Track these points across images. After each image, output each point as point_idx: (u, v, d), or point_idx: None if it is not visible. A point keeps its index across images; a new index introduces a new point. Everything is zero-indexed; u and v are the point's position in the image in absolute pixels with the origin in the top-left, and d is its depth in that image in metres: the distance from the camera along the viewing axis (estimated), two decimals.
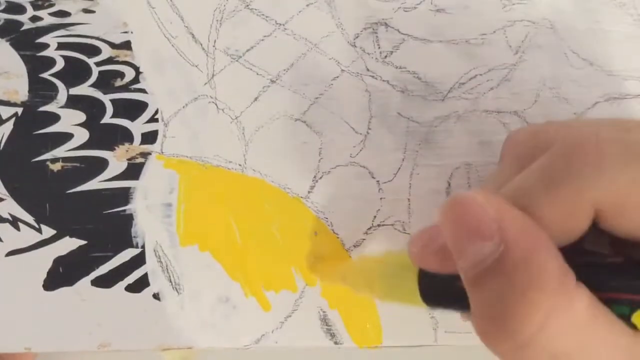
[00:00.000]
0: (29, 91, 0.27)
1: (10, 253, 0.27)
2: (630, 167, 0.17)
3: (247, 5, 0.27)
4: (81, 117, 0.27)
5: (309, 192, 0.27)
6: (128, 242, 0.27)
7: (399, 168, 0.27)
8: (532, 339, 0.16)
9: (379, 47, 0.28)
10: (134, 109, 0.27)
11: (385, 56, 0.28)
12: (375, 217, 0.27)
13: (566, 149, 0.18)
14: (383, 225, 0.27)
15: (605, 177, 0.17)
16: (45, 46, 0.27)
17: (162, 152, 0.27)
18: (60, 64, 0.27)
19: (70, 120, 0.27)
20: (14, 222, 0.27)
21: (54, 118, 0.27)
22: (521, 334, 0.16)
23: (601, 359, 0.16)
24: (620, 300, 0.16)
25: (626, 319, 0.15)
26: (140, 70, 0.27)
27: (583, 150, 0.18)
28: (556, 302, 0.16)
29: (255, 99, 0.27)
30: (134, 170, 0.27)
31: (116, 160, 0.27)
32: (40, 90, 0.27)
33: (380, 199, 0.27)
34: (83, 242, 0.27)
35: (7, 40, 0.27)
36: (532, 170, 0.19)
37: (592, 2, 0.28)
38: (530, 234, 0.17)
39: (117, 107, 0.27)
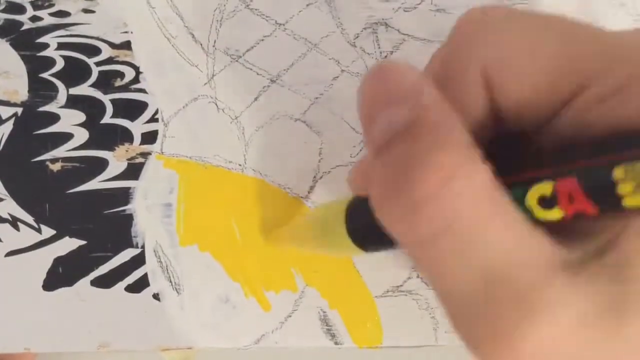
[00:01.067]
0: (29, 91, 0.27)
1: (10, 253, 0.27)
2: (512, 23, 0.17)
3: (247, 5, 0.27)
4: (81, 117, 0.27)
5: (309, 192, 0.27)
6: (128, 242, 0.27)
7: None
8: (426, 200, 0.15)
9: (379, 47, 0.28)
10: (134, 109, 0.27)
11: (386, 56, 0.28)
12: None
13: (459, 22, 0.18)
14: None
15: (489, 35, 0.17)
16: (45, 46, 0.27)
17: (162, 152, 0.27)
18: (60, 64, 0.27)
19: (70, 120, 0.27)
20: (14, 222, 0.27)
21: (54, 118, 0.27)
22: (416, 193, 0.15)
23: (495, 232, 0.15)
24: (517, 183, 0.15)
25: (520, 201, 0.15)
26: (140, 70, 0.27)
27: (471, 19, 0.18)
28: (459, 167, 0.15)
29: (255, 99, 0.27)
30: (133, 170, 0.27)
31: (116, 160, 0.27)
32: (40, 90, 0.27)
33: None
34: (83, 242, 0.27)
35: (7, 40, 0.27)
36: (438, 51, 0.19)
37: (592, 2, 0.28)
38: (445, 102, 0.16)
39: (117, 107, 0.27)
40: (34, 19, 0.27)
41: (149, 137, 0.27)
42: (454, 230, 0.15)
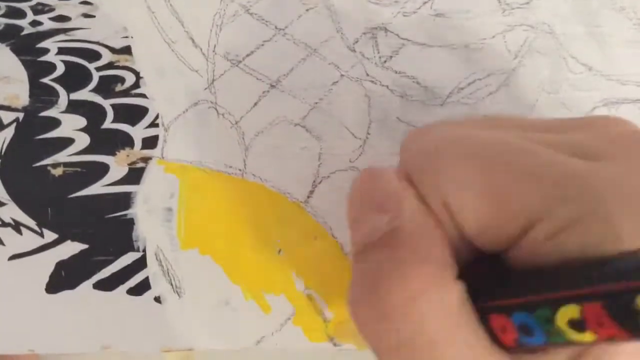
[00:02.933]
0: (30, 96, 0.27)
1: (13, 257, 0.27)
2: (467, 160, 0.17)
3: (247, 10, 0.27)
4: (82, 122, 0.27)
5: (308, 196, 0.28)
6: (129, 246, 0.28)
7: None
8: (396, 311, 0.16)
9: (379, 52, 0.28)
10: (134, 114, 0.27)
11: (385, 61, 0.28)
12: None
13: (419, 148, 0.18)
14: None
15: (444, 173, 0.17)
16: (46, 51, 0.27)
17: (163, 157, 0.28)
18: (60, 69, 0.27)
19: (71, 125, 0.27)
20: (16, 226, 0.27)
21: (55, 123, 0.27)
22: (387, 303, 0.16)
23: (455, 352, 0.16)
24: (539, 302, 0.16)
25: (550, 322, 0.15)
26: (141, 75, 0.27)
27: (432, 148, 0.18)
28: (430, 284, 0.16)
29: (255, 103, 0.27)
30: (134, 175, 0.27)
31: (117, 165, 0.27)
32: (41, 95, 0.27)
33: None
34: (85, 246, 0.27)
35: (7, 45, 0.27)
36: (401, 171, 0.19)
37: (591, 6, 0.28)
38: (424, 216, 0.17)
39: (118, 112, 0.27)
40: (34, 23, 0.27)
41: (150, 142, 0.27)
42: (415, 344, 0.16)
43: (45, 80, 0.27)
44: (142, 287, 0.28)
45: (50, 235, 0.27)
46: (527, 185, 0.16)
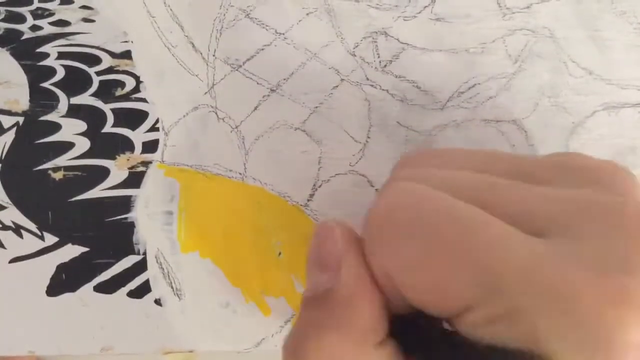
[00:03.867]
0: (30, 101, 0.27)
1: (14, 260, 0.28)
2: (408, 239, 0.17)
3: (247, 15, 0.27)
4: (82, 126, 0.27)
5: (308, 200, 0.28)
6: (130, 249, 0.28)
7: None
8: None
9: (379, 56, 0.28)
10: (134, 118, 0.27)
11: (385, 65, 0.28)
12: None
13: (372, 218, 0.19)
14: None
15: (385, 248, 0.18)
16: (46, 55, 0.27)
17: (163, 161, 0.28)
18: (60, 74, 0.27)
19: (72, 130, 0.27)
20: (17, 229, 0.27)
21: (55, 127, 0.27)
22: None
23: None
24: None
25: None
26: (141, 79, 0.27)
27: (380, 221, 0.18)
28: (345, 352, 0.17)
29: (255, 108, 0.27)
30: (135, 179, 0.28)
31: (117, 169, 0.27)
32: (41, 99, 0.27)
33: None
34: (85, 249, 0.28)
35: (7, 50, 0.27)
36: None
37: (592, 10, 0.28)
38: (361, 281, 0.18)
39: (118, 117, 0.27)
40: (34, 28, 0.27)
41: (150, 146, 0.28)
42: None
43: (46, 84, 0.27)
44: (143, 290, 0.28)
45: (50, 239, 0.27)
46: (462, 275, 0.16)
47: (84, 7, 0.27)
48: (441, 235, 0.17)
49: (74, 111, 0.27)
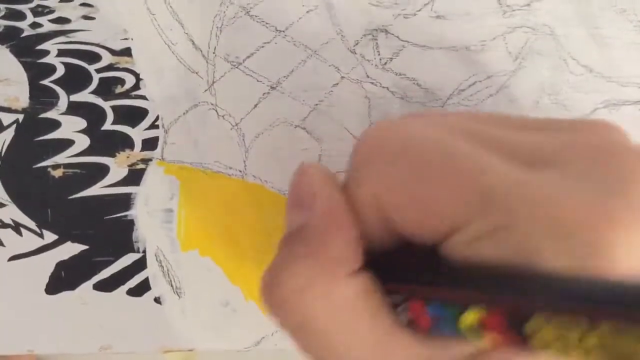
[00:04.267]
0: (30, 98, 0.27)
1: (13, 258, 0.27)
2: (396, 161, 0.18)
3: (248, 12, 0.27)
4: (82, 123, 0.27)
5: None
6: (129, 247, 0.28)
7: None
8: (285, 302, 0.18)
9: (379, 54, 0.28)
10: (134, 116, 0.27)
11: (385, 63, 0.28)
12: None
13: (360, 145, 0.19)
14: None
15: (375, 171, 0.18)
16: (46, 53, 0.27)
17: (163, 159, 0.28)
18: (60, 71, 0.27)
19: (71, 127, 0.27)
20: (16, 227, 0.27)
21: (55, 125, 0.27)
22: (281, 292, 0.18)
23: (351, 337, 0.17)
24: (451, 298, 0.16)
25: (457, 319, 0.16)
26: (141, 77, 0.27)
27: (369, 147, 0.19)
28: (317, 279, 0.17)
29: (255, 105, 0.27)
30: (134, 177, 0.27)
31: (117, 166, 0.27)
32: (41, 97, 0.27)
33: None
34: (85, 247, 0.28)
35: (7, 47, 0.27)
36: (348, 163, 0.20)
37: (592, 8, 0.28)
38: (333, 215, 0.18)
39: (118, 114, 0.27)
40: (34, 25, 0.27)
41: (150, 144, 0.27)
42: (306, 332, 0.18)
43: (45, 82, 0.27)
44: (142, 288, 0.28)
45: (50, 236, 0.27)
46: (451, 193, 0.16)
47: (84, 4, 0.27)
48: (432, 157, 0.17)
49: (74, 108, 0.27)
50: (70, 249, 0.27)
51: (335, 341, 0.17)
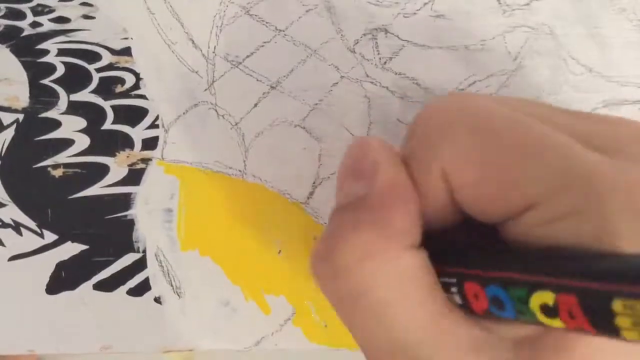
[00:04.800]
0: (30, 97, 0.27)
1: (13, 258, 0.27)
2: (472, 133, 0.17)
3: (247, 12, 0.27)
4: (82, 123, 0.27)
5: (308, 197, 0.28)
6: (129, 247, 0.28)
7: None
8: (345, 269, 0.17)
9: (379, 53, 0.28)
10: (134, 115, 0.27)
11: (385, 62, 0.28)
12: None
13: (430, 115, 0.19)
14: None
15: (448, 142, 0.17)
16: (46, 52, 0.27)
17: (163, 158, 0.28)
18: (60, 70, 0.27)
19: (71, 127, 0.27)
20: (16, 227, 0.27)
21: (55, 124, 0.27)
22: (338, 260, 0.17)
23: (405, 312, 0.17)
24: (517, 280, 0.16)
25: (523, 302, 0.16)
26: (141, 76, 0.27)
27: (440, 117, 0.18)
28: (380, 249, 0.17)
29: (255, 105, 0.27)
30: (134, 176, 0.27)
31: (117, 166, 0.27)
32: (41, 96, 0.27)
33: None
34: (85, 247, 0.27)
35: (7, 47, 0.27)
36: (408, 139, 0.20)
37: (592, 7, 0.28)
38: (396, 187, 0.18)
39: (118, 113, 0.27)
40: (34, 25, 0.27)
41: (150, 143, 0.27)
42: (365, 300, 0.17)
43: (45, 81, 0.27)
44: (142, 288, 0.28)
45: (50, 236, 0.27)
46: (531, 166, 0.16)
47: (84, 3, 0.27)
48: (513, 131, 0.16)
49: (74, 108, 0.27)
50: (71, 249, 0.27)
51: (390, 314, 0.17)
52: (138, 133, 0.27)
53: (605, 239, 0.15)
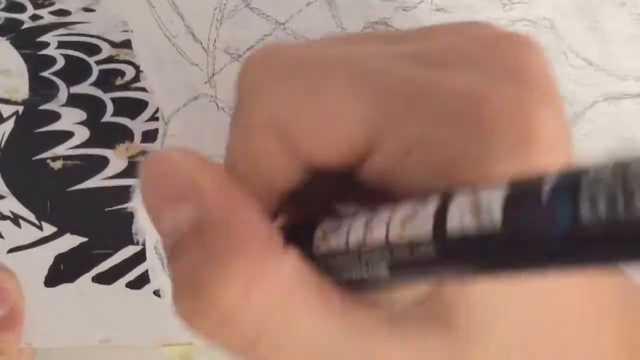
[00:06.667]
0: (30, 90, 0.27)
1: (12, 250, 0.27)
2: (292, 78, 0.15)
3: (248, 4, 0.27)
4: (82, 115, 0.27)
5: None
6: (129, 240, 0.28)
7: None
8: (232, 312, 0.13)
9: None
10: (134, 108, 0.27)
11: None
12: None
13: (243, 75, 0.16)
14: None
15: (270, 94, 0.15)
16: (46, 45, 0.27)
17: None
18: (60, 63, 0.27)
19: (71, 119, 0.27)
20: (15, 219, 0.27)
21: (55, 116, 0.27)
22: (219, 307, 0.13)
23: (312, 324, 0.14)
24: None
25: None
26: (141, 69, 0.27)
27: (255, 73, 0.15)
28: (260, 266, 0.13)
29: None
30: (134, 168, 0.27)
31: (117, 158, 0.27)
32: (41, 88, 0.27)
33: None
34: (84, 239, 0.27)
35: (7, 39, 0.27)
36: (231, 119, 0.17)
37: (592, 1, 0.28)
38: (230, 192, 0.15)
39: (118, 106, 0.27)
40: (35, 17, 0.27)
41: (150, 136, 0.27)
42: (269, 333, 0.14)
43: (45, 73, 0.27)
44: (142, 281, 0.28)
45: (49, 229, 0.27)
46: (356, 102, 0.14)
47: None
48: (334, 65, 0.15)
49: (74, 100, 0.27)
50: (70, 241, 0.27)
51: (299, 338, 0.14)
52: (138, 125, 0.27)
53: (450, 169, 0.13)
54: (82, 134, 0.27)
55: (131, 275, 0.28)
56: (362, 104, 0.14)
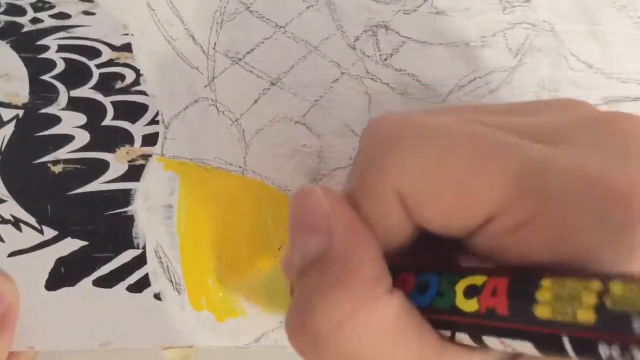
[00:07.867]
0: (30, 93, 0.27)
1: (13, 254, 0.27)
2: (422, 148, 0.16)
3: (248, 8, 0.27)
4: (82, 119, 0.27)
5: None
6: (129, 243, 0.28)
7: None
8: (327, 337, 0.15)
9: (379, 50, 0.28)
10: (134, 111, 0.27)
11: (385, 59, 0.28)
12: None
13: (372, 136, 0.18)
14: None
15: (399, 160, 0.16)
16: (46, 48, 0.27)
17: (163, 154, 0.27)
18: (60, 66, 0.27)
19: (71, 122, 0.27)
20: (16, 223, 0.27)
21: (55, 120, 0.27)
22: (317, 329, 0.15)
23: None
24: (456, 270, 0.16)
25: (450, 283, 0.15)
26: (141, 72, 0.27)
27: (385, 135, 0.17)
28: (359, 304, 0.15)
29: (255, 101, 0.27)
30: (134, 172, 0.27)
31: (117, 162, 0.27)
32: (41, 92, 0.27)
33: None
34: (84, 243, 0.27)
35: (7, 43, 0.27)
36: (353, 163, 0.19)
37: (592, 4, 0.28)
38: (353, 230, 0.17)
39: (118, 110, 0.27)
40: (35, 21, 0.27)
41: (150, 139, 0.27)
42: None
43: (46, 77, 0.27)
44: (142, 284, 0.28)
45: (50, 232, 0.27)
46: (483, 175, 0.15)
47: (85, 0, 0.27)
48: (458, 140, 0.16)
49: (74, 104, 0.27)
50: (70, 245, 0.27)
51: None
52: (138, 129, 0.27)
53: (561, 242, 0.14)
54: (83, 137, 0.27)
55: (132, 279, 0.28)
56: (496, 180, 0.15)
